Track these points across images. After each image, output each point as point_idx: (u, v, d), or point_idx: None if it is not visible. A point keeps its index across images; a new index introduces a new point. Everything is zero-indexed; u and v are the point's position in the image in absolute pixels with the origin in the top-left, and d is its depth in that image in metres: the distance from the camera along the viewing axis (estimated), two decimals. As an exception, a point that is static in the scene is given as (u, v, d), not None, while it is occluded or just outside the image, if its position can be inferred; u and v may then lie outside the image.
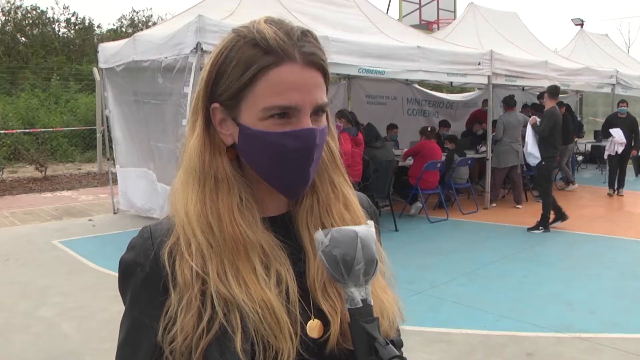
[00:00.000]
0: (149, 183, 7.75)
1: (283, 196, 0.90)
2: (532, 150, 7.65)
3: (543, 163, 7.38)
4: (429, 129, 8.51)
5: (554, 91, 7.56)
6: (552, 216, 7.47)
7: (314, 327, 0.84)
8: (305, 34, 0.84)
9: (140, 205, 7.98)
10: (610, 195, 10.14)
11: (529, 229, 7.43)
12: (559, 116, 7.45)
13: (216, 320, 0.80)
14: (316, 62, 0.83)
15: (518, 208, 9.02)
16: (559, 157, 10.93)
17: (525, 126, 9.11)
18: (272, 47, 0.80)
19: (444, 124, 11.03)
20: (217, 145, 0.87)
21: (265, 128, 0.82)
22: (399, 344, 0.78)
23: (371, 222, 0.83)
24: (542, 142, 7.40)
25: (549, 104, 7.52)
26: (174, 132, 6.58)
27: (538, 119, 7.53)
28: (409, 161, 8.40)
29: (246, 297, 0.80)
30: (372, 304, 0.78)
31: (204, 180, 0.85)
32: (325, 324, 0.84)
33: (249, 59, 0.81)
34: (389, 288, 0.93)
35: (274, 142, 0.82)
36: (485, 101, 11.71)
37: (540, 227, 7.39)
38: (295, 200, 0.92)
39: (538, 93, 10.56)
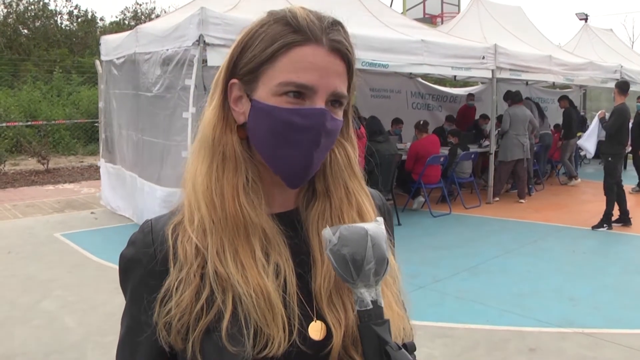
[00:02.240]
0: (122, 181, 7.75)
1: (289, 189, 0.88)
2: (584, 143, 7.42)
3: (610, 159, 7.08)
4: (421, 122, 8.45)
5: (624, 86, 7.17)
6: (616, 214, 7.20)
7: (316, 329, 0.82)
8: (337, 23, 0.83)
9: (113, 203, 8.00)
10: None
11: (594, 227, 7.14)
12: (629, 113, 7.15)
13: (215, 302, 0.79)
14: (341, 50, 0.82)
15: (521, 202, 8.99)
16: (561, 151, 10.93)
17: (530, 121, 9.11)
18: (301, 25, 0.80)
19: (450, 119, 11.01)
20: (229, 122, 0.85)
21: (277, 103, 0.80)
22: (411, 348, 0.74)
23: (380, 219, 0.80)
24: (608, 139, 7.10)
25: (618, 99, 7.14)
26: (167, 126, 6.49)
27: (607, 113, 7.22)
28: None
29: (242, 279, 0.78)
30: (382, 305, 0.76)
31: (212, 155, 0.84)
32: (328, 332, 0.82)
33: (276, 35, 0.81)
34: (397, 303, 0.88)
35: (281, 118, 0.80)
36: (469, 95, 11.79)
37: (605, 225, 7.11)
38: (307, 202, 0.90)
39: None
